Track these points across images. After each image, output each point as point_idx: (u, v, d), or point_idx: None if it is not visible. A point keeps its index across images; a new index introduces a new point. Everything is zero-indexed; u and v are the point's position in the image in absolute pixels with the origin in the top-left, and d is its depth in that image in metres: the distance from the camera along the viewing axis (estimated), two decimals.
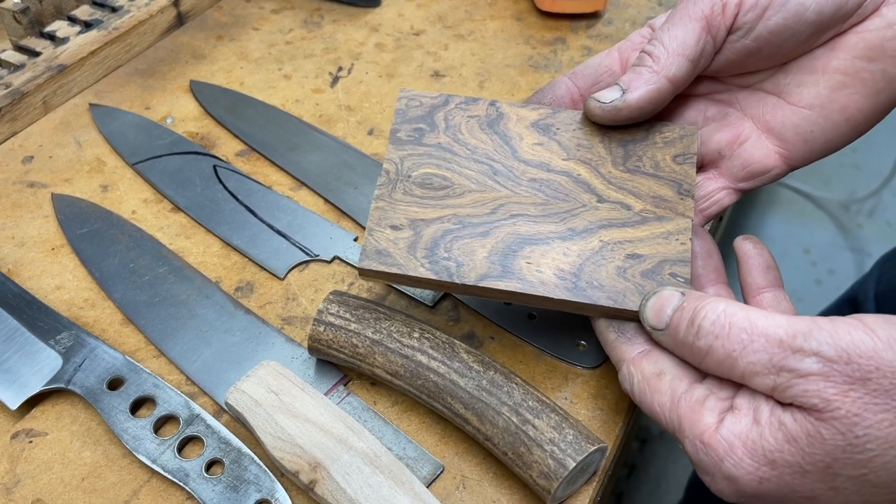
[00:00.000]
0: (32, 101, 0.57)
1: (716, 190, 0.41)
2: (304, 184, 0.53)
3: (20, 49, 0.60)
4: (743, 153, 0.40)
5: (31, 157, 0.54)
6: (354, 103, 0.59)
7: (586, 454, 0.35)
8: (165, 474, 0.37)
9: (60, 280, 0.46)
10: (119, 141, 0.55)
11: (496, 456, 0.37)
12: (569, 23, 0.68)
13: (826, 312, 0.73)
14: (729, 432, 0.31)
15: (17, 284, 0.45)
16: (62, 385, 0.40)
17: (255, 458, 0.38)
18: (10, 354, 0.42)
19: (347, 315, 0.40)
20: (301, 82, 0.61)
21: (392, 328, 0.39)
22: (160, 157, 0.54)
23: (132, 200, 0.51)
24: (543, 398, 0.37)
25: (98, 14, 0.63)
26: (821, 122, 0.38)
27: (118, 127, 0.56)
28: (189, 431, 0.38)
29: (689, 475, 1.02)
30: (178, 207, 0.51)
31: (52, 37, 0.61)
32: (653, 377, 0.34)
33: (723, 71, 0.40)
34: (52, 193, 0.51)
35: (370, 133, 0.57)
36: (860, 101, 0.38)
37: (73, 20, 0.63)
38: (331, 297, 0.41)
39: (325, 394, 0.41)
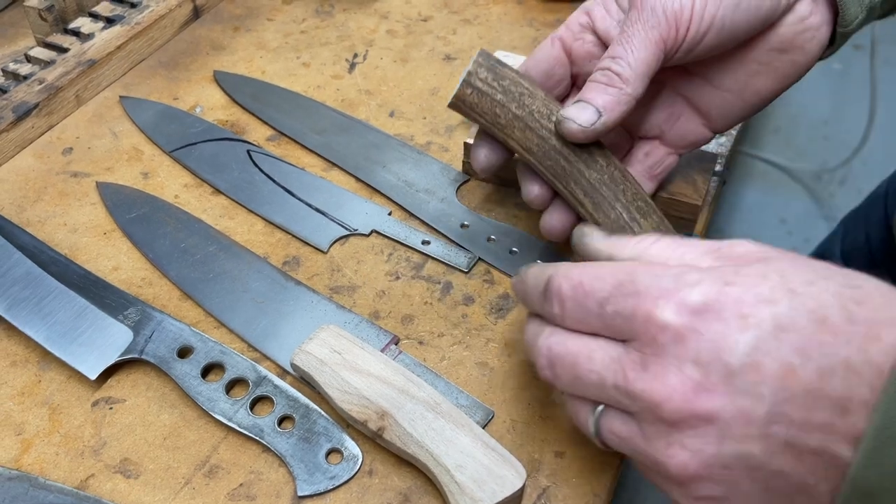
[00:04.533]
0: (66, 95, 0.59)
1: (663, 156, 0.47)
2: (334, 164, 0.56)
3: (47, 46, 0.62)
4: (680, 128, 0.46)
5: (71, 149, 0.57)
6: (373, 87, 0.63)
7: None
8: (242, 430, 0.40)
9: (116, 262, 0.49)
10: (153, 130, 0.58)
11: None
12: (568, 4, 0.71)
13: None
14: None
15: (80, 266, 0.48)
16: (136, 355, 0.43)
17: (322, 412, 0.41)
18: (84, 329, 0.44)
19: (495, 84, 0.42)
20: (320, 69, 0.64)
21: (534, 107, 0.42)
22: (195, 144, 0.56)
23: (173, 186, 0.54)
24: (649, 200, 0.43)
25: (118, 10, 0.66)
26: (738, 104, 0.45)
27: (150, 117, 0.59)
28: (258, 392, 0.42)
29: None
30: (218, 191, 0.54)
31: (76, 33, 0.63)
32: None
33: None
34: (97, 182, 0.54)
35: (391, 115, 0.60)
36: (771, 85, 0.44)
37: (95, 16, 0.65)
38: (479, 59, 0.42)
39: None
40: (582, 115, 0.40)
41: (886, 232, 0.51)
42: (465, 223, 0.51)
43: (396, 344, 0.45)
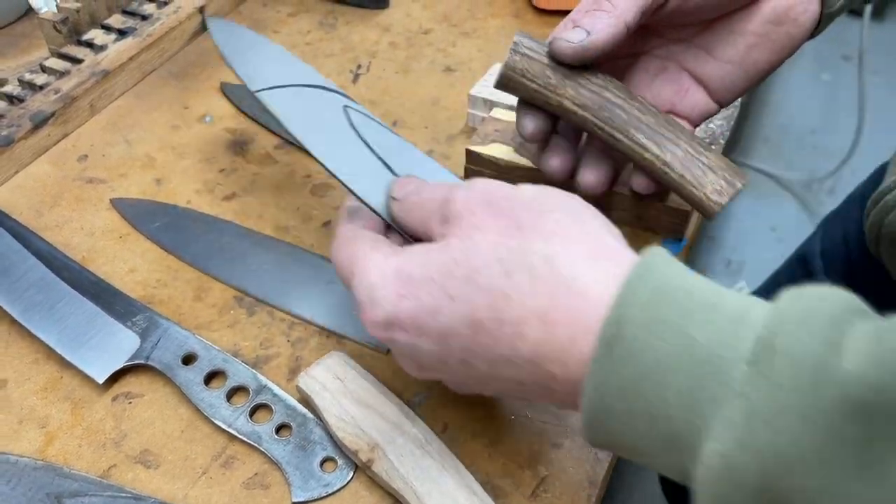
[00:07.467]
0: (81, 104, 0.61)
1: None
2: None
3: (62, 56, 0.65)
4: (689, 100, 0.49)
5: (86, 156, 0.59)
6: (376, 98, 0.65)
7: (746, 179, 0.44)
8: (241, 437, 0.42)
9: (132, 264, 0.51)
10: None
11: (669, 180, 0.45)
12: (562, 18, 0.74)
13: (779, 270, 0.81)
14: (386, 263, 0.35)
15: (93, 273, 0.49)
16: (142, 361, 0.45)
17: (319, 421, 0.42)
18: (93, 335, 0.46)
19: (539, 50, 0.45)
20: None
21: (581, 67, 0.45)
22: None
23: (185, 191, 0.57)
24: (702, 139, 0.46)
25: (130, 22, 0.68)
26: (739, 75, 0.48)
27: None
28: (258, 400, 0.43)
29: None
30: (229, 196, 0.56)
31: (89, 44, 0.66)
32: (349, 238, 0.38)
33: (659, 23, 0.47)
34: (111, 199, 0.55)
35: (394, 124, 0.63)
36: (769, 56, 0.47)
37: (107, 28, 0.67)
38: (520, 35, 0.45)
39: None
40: (570, 34, 0.43)
41: (862, 232, 0.53)
42: None
43: None
